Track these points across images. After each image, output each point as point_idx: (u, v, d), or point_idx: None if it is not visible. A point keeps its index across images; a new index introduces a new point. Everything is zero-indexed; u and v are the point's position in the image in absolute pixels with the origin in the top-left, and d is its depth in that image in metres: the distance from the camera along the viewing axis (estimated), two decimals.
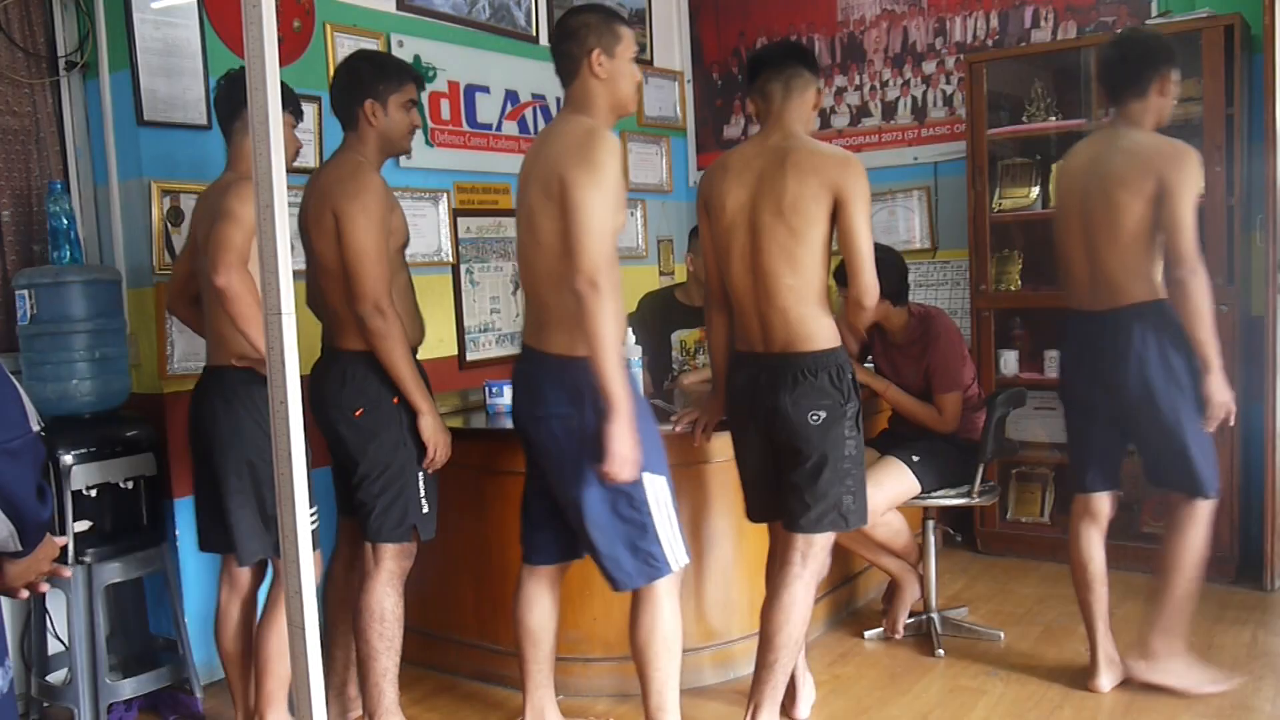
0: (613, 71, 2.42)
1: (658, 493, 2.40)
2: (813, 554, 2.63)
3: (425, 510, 2.71)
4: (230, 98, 2.70)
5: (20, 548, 1.45)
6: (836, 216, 2.50)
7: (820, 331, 2.56)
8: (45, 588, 1.59)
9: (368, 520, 2.66)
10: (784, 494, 2.64)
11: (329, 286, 2.67)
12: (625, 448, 2.26)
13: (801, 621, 2.63)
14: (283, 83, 2.81)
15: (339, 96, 2.70)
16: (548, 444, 2.43)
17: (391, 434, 2.65)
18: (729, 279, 2.66)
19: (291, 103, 2.79)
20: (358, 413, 2.63)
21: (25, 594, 1.55)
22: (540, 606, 2.65)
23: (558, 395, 2.38)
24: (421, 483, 2.70)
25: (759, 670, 2.66)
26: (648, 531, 2.39)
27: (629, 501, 2.38)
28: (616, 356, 2.26)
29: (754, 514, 2.82)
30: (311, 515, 2.69)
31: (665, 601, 2.43)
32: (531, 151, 2.50)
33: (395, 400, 2.64)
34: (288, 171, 2.88)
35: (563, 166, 2.29)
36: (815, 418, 2.54)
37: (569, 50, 2.42)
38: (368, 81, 2.65)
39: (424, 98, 3.97)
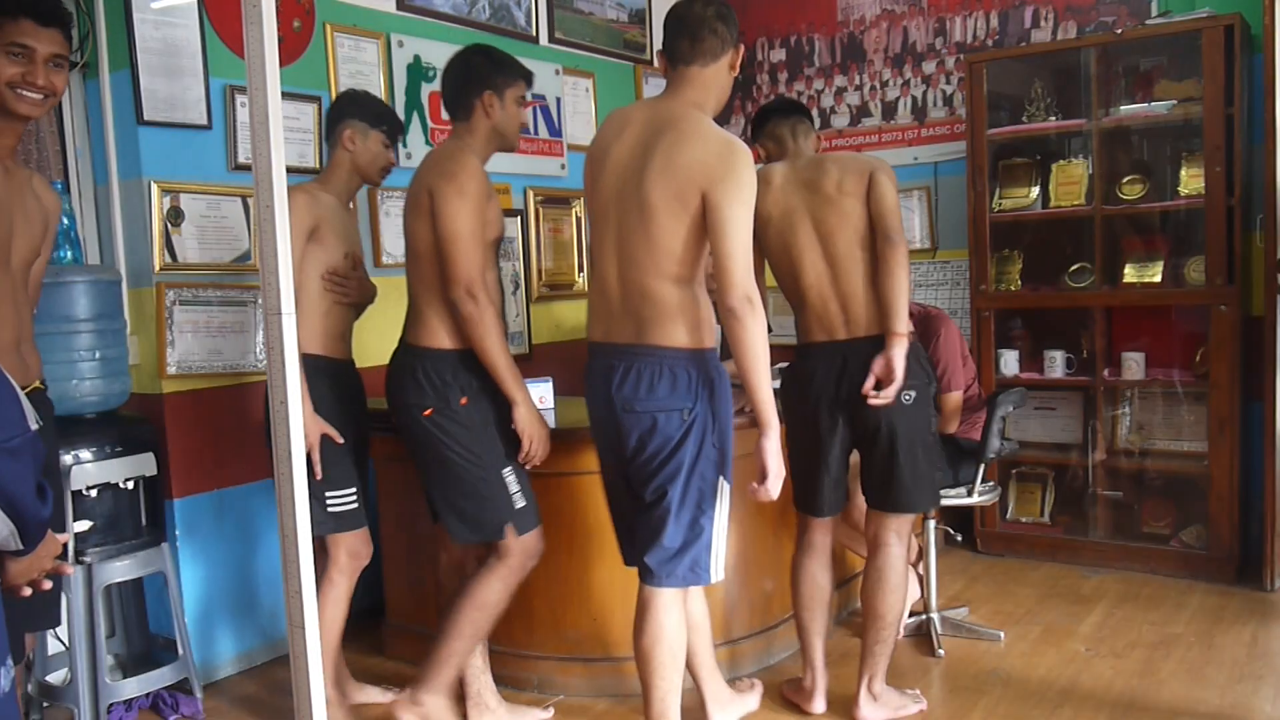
0: (734, 70, 2.44)
1: (724, 503, 2.40)
2: (907, 530, 2.81)
3: (521, 505, 2.61)
4: (328, 113, 2.87)
5: (21, 546, 1.45)
6: (869, 195, 2.68)
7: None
8: (47, 585, 1.60)
9: (448, 526, 2.63)
10: (875, 477, 2.76)
11: (417, 273, 2.62)
12: (780, 466, 2.30)
13: (905, 595, 2.84)
14: (381, 101, 2.94)
15: (454, 86, 2.66)
16: (647, 435, 2.34)
17: (462, 437, 2.57)
18: (798, 275, 2.76)
19: (388, 120, 2.86)
20: (427, 413, 2.57)
21: (28, 591, 1.56)
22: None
23: (671, 388, 2.32)
24: (513, 477, 2.62)
25: (872, 645, 2.79)
26: (702, 537, 2.37)
27: (699, 503, 2.36)
28: (768, 372, 2.28)
29: (817, 506, 2.83)
30: (348, 496, 2.75)
31: (673, 609, 2.40)
32: (636, 131, 2.37)
33: (464, 401, 2.57)
34: (373, 184, 2.96)
35: (708, 179, 2.23)
36: (908, 397, 2.67)
37: (720, 31, 2.36)
38: (486, 74, 2.62)
39: (424, 98, 3.98)
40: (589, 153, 2.50)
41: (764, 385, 2.27)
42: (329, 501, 2.73)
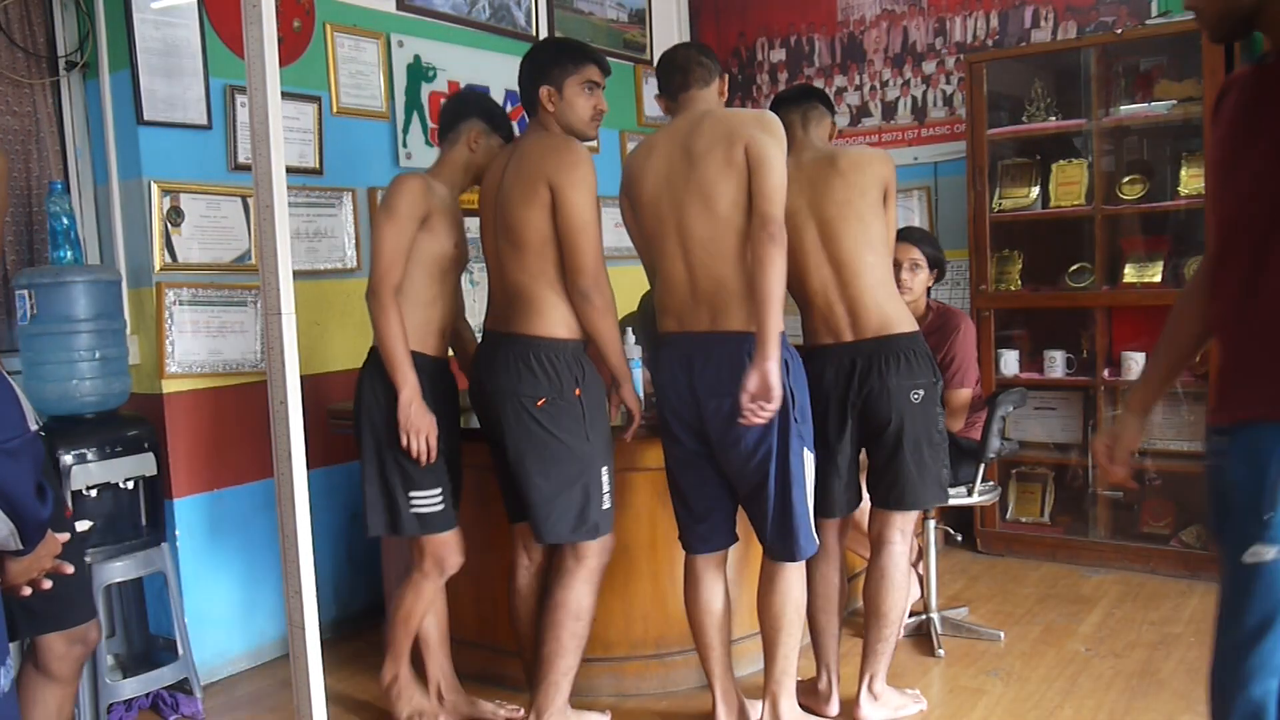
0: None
1: (810, 469, 2.56)
2: (910, 529, 2.85)
3: (606, 507, 2.62)
4: (451, 110, 2.81)
5: (20, 546, 1.46)
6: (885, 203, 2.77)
7: (904, 314, 2.75)
8: (47, 584, 1.60)
9: (545, 522, 2.58)
10: (881, 475, 2.78)
11: (522, 263, 2.58)
12: (778, 381, 2.35)
13: (907, 594, 2.87)
14: (491, 99, 2.89)
15: (521, 82, 2.66)
16: (729, 418, 2.45)
17: (576, 427, 2.56)
18: (803, 279, 2.76)
19: (505, 128, 2.82)
20: (540, 403, 2.54)
21: (28, 591, 1.56)
22: (719, 591, 2.69)
23: (740, 372, 2.42)
24: (606, 478, 2.61)
25: (874, 645, 2.82)
26: (804, 508, 2.54)
27: (794, 480, 2.50)
28: (780, 300, 2.39)
29: (829, 506, 2.84)
30: (434, 496, 2.68)
31: (801, 572, 2.61)
32: (667, 142, 2.55)
33: (577, 392, 2.56)
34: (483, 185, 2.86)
35: (748, 132, 2.44)
36: (916, 396, 2.71)
37: (706, 63, 2.65)
38: (540, 67, 2.62)
39: (424, 98, 3.98)
40: (623, 184, 2.64)
41: (775, 311, 2.37)
42: (413, 502, 2.66)
